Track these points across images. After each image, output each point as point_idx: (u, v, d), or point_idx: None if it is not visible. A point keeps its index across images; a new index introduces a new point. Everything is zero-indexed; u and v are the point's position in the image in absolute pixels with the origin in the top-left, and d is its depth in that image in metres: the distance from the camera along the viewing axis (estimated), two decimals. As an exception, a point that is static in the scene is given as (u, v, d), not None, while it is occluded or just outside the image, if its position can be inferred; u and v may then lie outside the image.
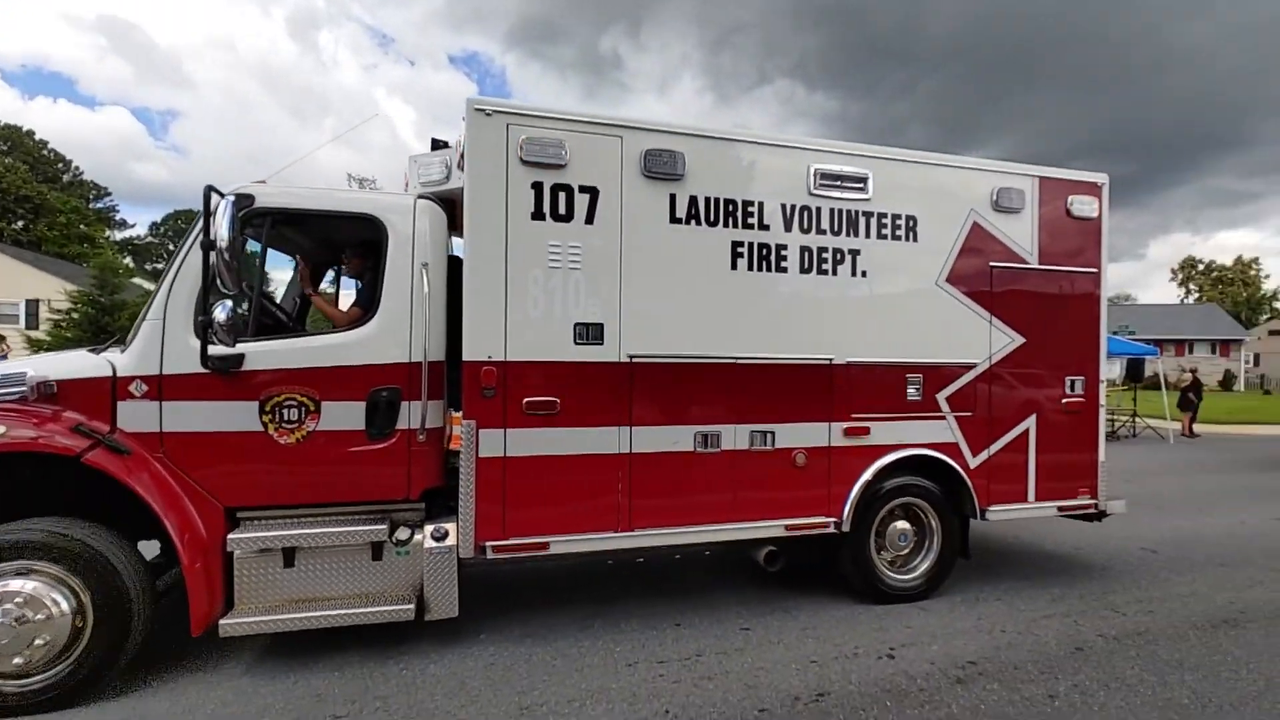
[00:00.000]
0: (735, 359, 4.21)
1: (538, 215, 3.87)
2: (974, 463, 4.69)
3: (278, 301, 4.45)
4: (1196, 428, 19.22)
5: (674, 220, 4.12)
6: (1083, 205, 4.99)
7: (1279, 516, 7.81)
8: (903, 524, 4.66)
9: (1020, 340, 4.82)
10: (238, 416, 3.48)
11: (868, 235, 4.46)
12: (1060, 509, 4.91)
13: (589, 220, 3.95)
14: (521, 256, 3.83)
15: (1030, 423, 4.85)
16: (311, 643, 3.94)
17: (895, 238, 4.52)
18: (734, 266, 4.22)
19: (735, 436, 4.22)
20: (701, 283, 4.16)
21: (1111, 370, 30.18)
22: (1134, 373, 19.30)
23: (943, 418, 4.61)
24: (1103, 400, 5.03)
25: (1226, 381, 45.72)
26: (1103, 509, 5.02)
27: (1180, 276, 74.85)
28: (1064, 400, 4.93)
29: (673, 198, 4.11)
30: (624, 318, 4.00)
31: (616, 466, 4.00)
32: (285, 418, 3.51)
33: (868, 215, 4.47)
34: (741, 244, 4.23)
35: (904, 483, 4.57)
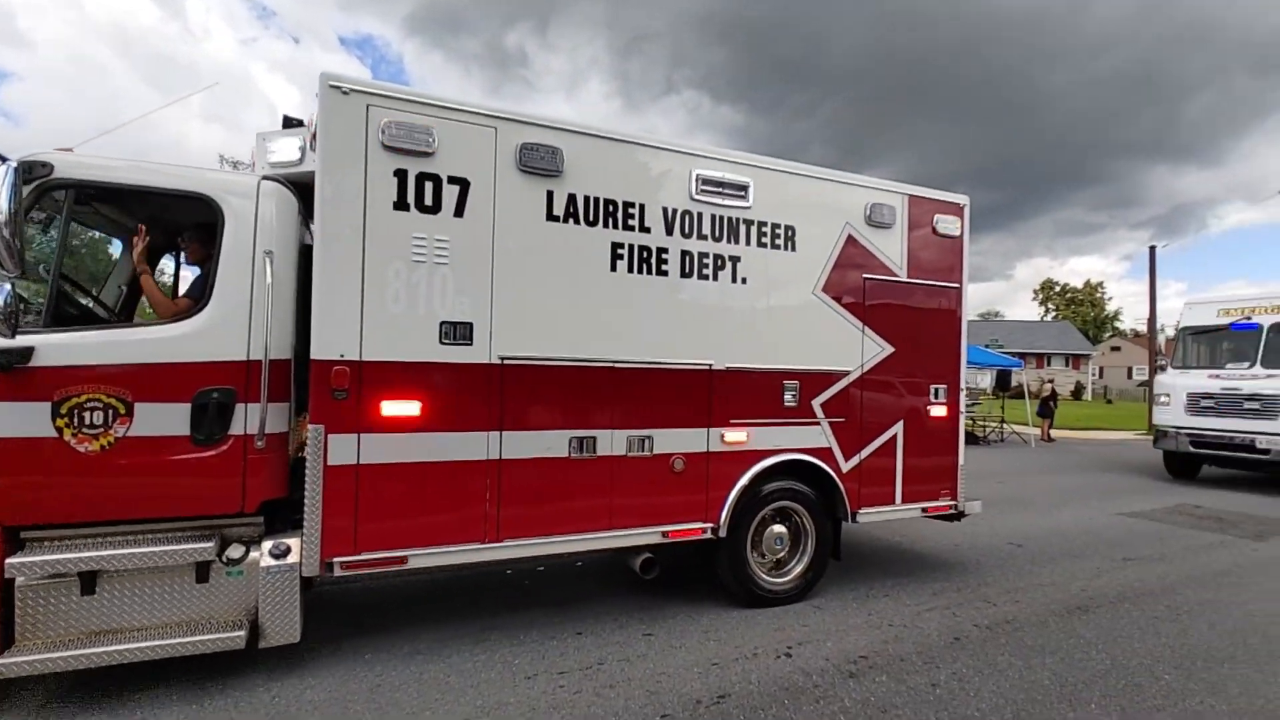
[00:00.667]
0: (614, 363, 4.07)
1: (401, 205, 3.57)
2: (846, 467, 4.77)
3: (97, 289, 3.88)
4: (1053, 433, 20.99)
5: (551, 218, 3.94)
6: (947, 224, 5.22)
7: (1119, 512, 8.63)
8: (779, 527, 4.67)
9: (890, 350, 4.96)
10: (22, 420, 2.96)
11: (748, 243, 4.45)
12: (925, 510, 5.08)
13: (458, 213, 3.69)
14: (381, 248, 3.52)
15: (898, 428, 5.00)
16: (165, 673, 3.46)
17: (775, 246, 4.54)
18: (614, 268, 4.09)
19: (613, 442, 4.08)
20: (579, 283, 4.00)
21: (983, 380, 32.90)
22: (1002, 383, 20.92)
23: (818, 423, 4.66)
24: (963, 408, 5.27)
25: (1077, 391, 50.87)
26: (962, 509, 5.24)
27: (1040, 296, 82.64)
28: (929, 407, 5.12)
29: (550, 194, 3.93)
30: (496, 317, 3.77)
31: (485, 474, 3.75)
32: (86, 422, 3.02)
33: (748, 223, 4.47)
34: (622, 245, 4.11)
35: (780, 487, 4.58)
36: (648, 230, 4.18)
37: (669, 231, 4.23)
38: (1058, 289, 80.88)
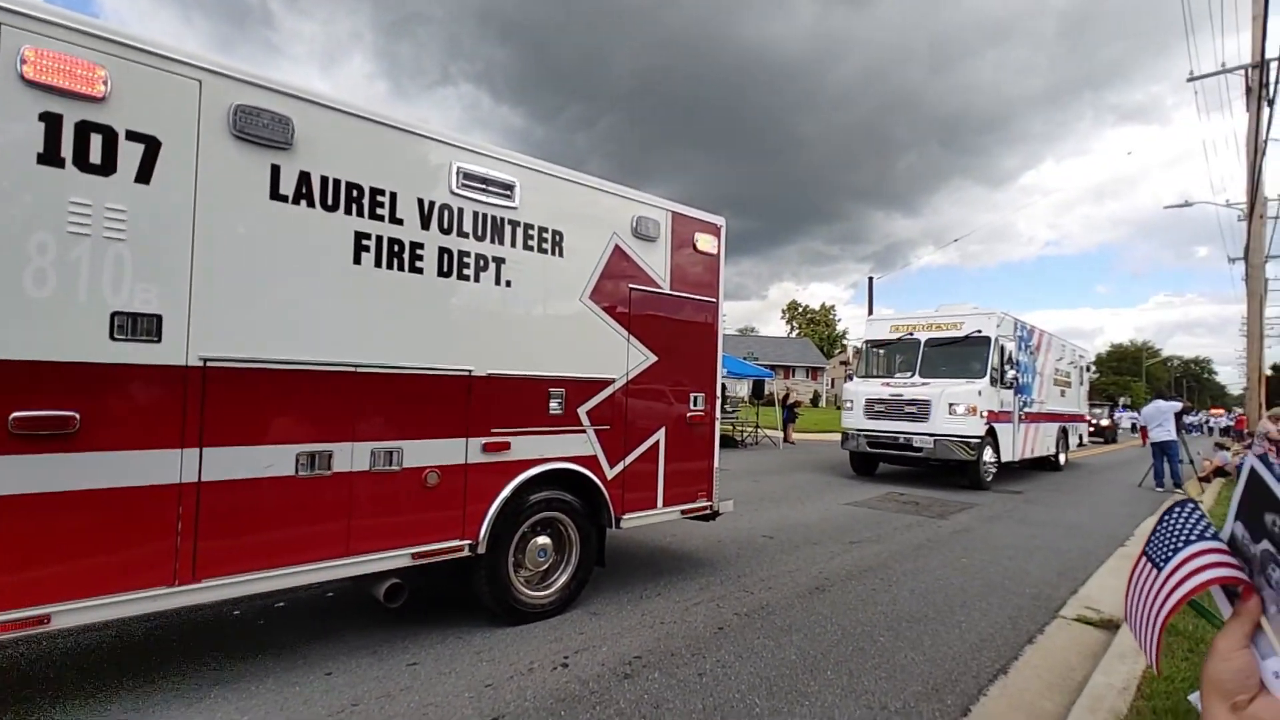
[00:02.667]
0: (356, 367, 3.56)
1: (51, 159, 2.72)
2: (611, 474, 4.73)
3: None
4: (795, 436, 23.78)
5: (277, 197, 3.32)
6: (707, 242, 5.47)
7: (847, 502, 9.89)
8: (542, 539, 4.47)
9: (654, 359, 5.04)
10: None
11: (513, 245, 4.23)
12: (683, 512, 5.23)
13: (143, 178, 2.93)
14: (18, 213, 2.65)
15: (660, 435, 5.09)
16: None
17: (542, 250, 4.37)
18: (357, 261, 3.58)
19: (353, 456, 3.55)
20: (314, 276, 3.43)
21: (741, 389, 36.39)
22: (757, 391, 23.26)
23: (583, 431, 4.57)
24: (718, 415, 5.56)
25: (815, 399, 58.92)
26: (716, 509, 5.49)
27: (787, 316, 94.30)
28: (689, 415, 5.30)
29: (276, 169, 3.31)
30: (196, 310, 3.06)
31: (176, 501, 3.00)
32: None
33: (514, 224, 4.23)
34: (368, 237, 3.62)
35: (545, 497, 4.39)
36: (400, 222, 3.74)
37: (425, 225, 3.84)
38: (801, 310, 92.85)
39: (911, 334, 12.87)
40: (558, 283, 4.46)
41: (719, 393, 5.56)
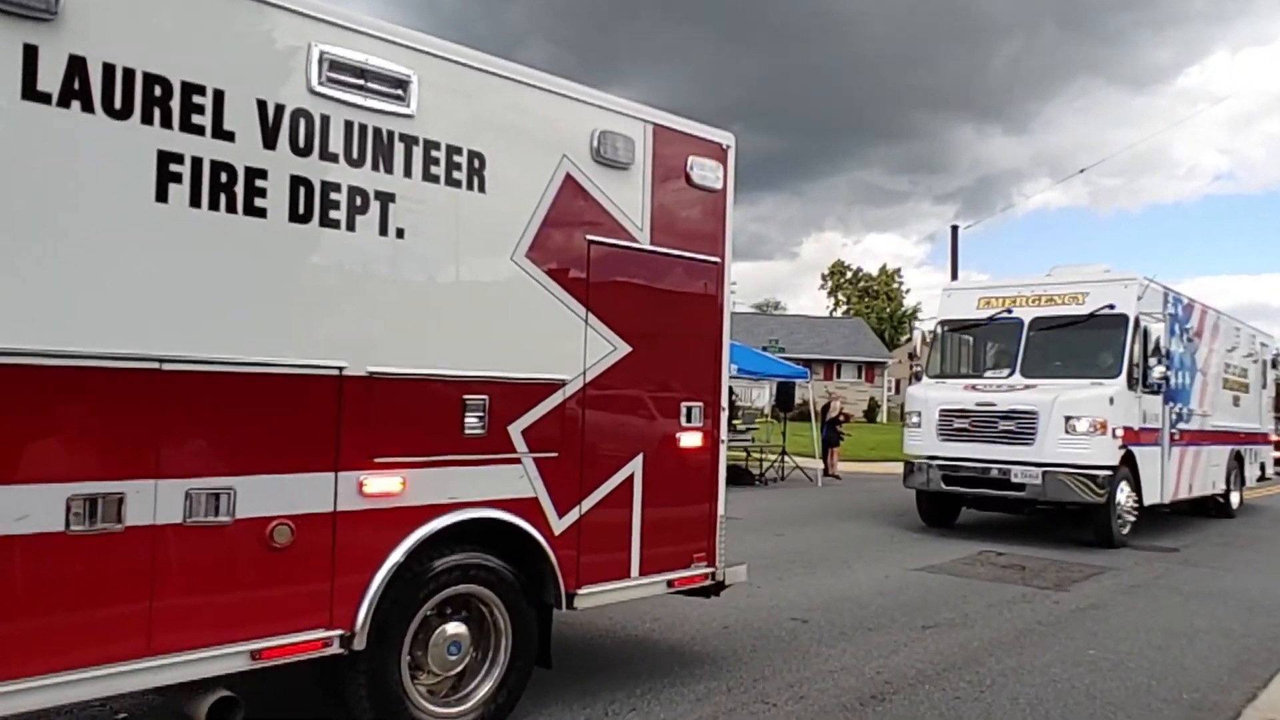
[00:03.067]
0: (159, 362, 3.49)
1: None
2: (560, 526, 4.75)
3: None
4: (840, 466, 23.93)
5: (35, 95, 3.23)
6: (705, 171, 5.49)
7: (918, 566, 10.20)
8: (455, 627, 4.47)
9: (626, 349, 5.07)
10: None
11: (408, 174, 4.20)
12: (672, 584, 5.29)
13: None
14: None
15: (636, 466, 5.12)
16: None
17: (453, 183, 4.34)
18: (163, 196, 3.50)
19: (157, 501, 3.49)
20: (94, 220, 3.35)
21: (760, 397, 36.25)
22: (784, 401, 22.84)
23: (517, 460, 4.58)
24: (724, 435, 5.62)
25: (871, 411, 59.58)
26: (721, 579, 5.55)
27: (830, 283, 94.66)
28: (679, 434, 5.35)
29: (31, 51, 3.22)
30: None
31: None
32: None
33: (409, 141, 4.20)
34: (179, 159, 3.54)
35: (459, 564, 4.38)
36: (229, 136, 3.67)
37: (269, 142, 3.77)
38: (850, 275, 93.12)
39: (1010, 311, 13.06)
40: (477, 232, 4.44)
41: (725, 402, 5.63)
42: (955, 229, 33.01)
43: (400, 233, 4.17)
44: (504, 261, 4.55)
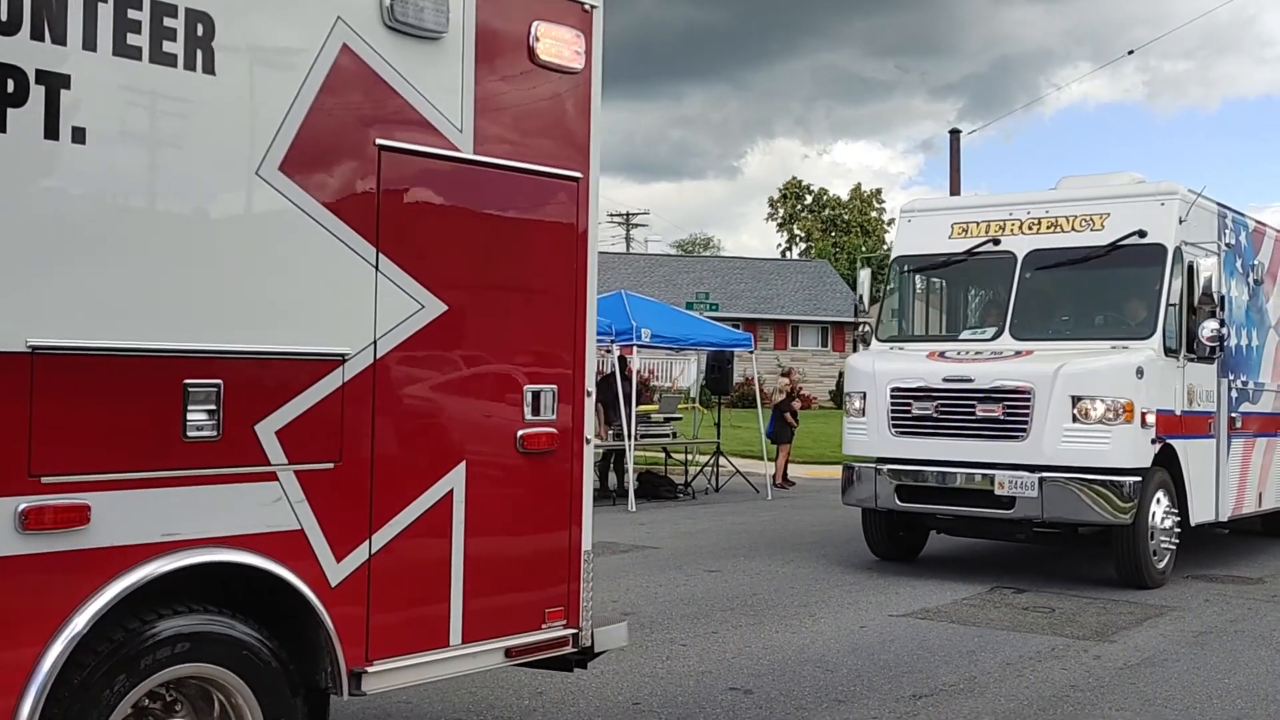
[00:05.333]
0: None
1: None
2: (339, 572, 4.61)
3: None
4: (792, 470, 24.12)
5: None
6: (559, 44, 5.39)
7: (907, 611, 10.29)
8: (177, 727, 4.30)
9: (439, 308, 4.97)
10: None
11: (90, 45, 3.95)
12: (512, 651, 5.19)
13: None
14: None
15: (457, 479, 5.03)
16: None
17: (161, 59, 4.10)
18: None
19: None
20: None
21: (684, 374, 35.89)
22: (718, 379, 22.68)
23: (271, 476, 4.42)
24: (590, 432, 5.56)
25: (840, 391, 60.17)
26: (588, 643, 5.48)
27: (781, 212, 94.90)
28: (521, 432, 5.25)
29: None
30: None
31: None
32: None
33: (88, -6, 3.98)
34: None
35: (182, 632, 4.17)
36: None
37: None
38: (811, 199, 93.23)
39: (997, 241, 12.72)
40: (201, 134, 4.25)
41: (592, 382, 5.60)
42: (955, 134, 33.10)
43: (79, 135, 3.93)
44: (244, 178, 4.35)
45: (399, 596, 4.81)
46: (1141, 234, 11.83)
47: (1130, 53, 56.95)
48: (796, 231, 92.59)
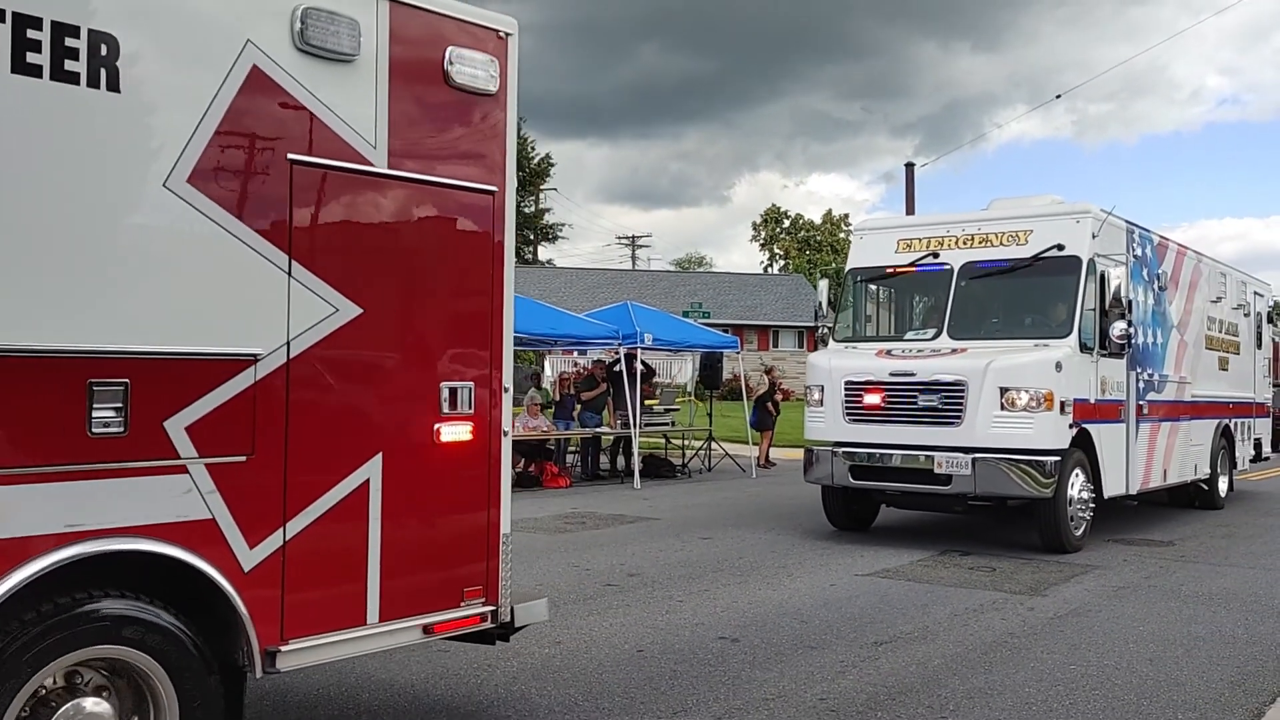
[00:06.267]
0: None
1: None
2: (252, 558, 4.48)
3: None
4: (773, 453, 24.92)
5: None
6: (473, 67, 5.28)
7: (869, 571, 10.86)
8: (94, 705, 4.12)
9: (354, 311, 4.84)
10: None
11: None
12: (431, 628, 5.10)
13: None
14: None
15: (373, 469, 4.92)
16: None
17: (64, 75, 3.96)
18: None
19: None
20: None
21: (681, 371, 36.36)
22: (710, 375, 23.58)
23: (181, 469, 4.27)
24: (508, 425, 5.45)
25: (813, 386, 60.99)
26: (507, 619, 5.40)
27: (763, 234, 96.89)
28: (439, 426, 5.15)
29: None
30: None
31: None
32: None
33: (-12, 18, 3.79)
34: None
35: (93, 616, 4.04)
36: None
37: None
38: (790, 222, 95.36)
39: (935, 255, 13.20)
40: (107, 149, 4.12)
41: (509, 379, 5.50)
42: (910, 166, 33.91)
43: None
44: (152, 190, 4.19)
45: (315, 579, 4.68)
46: (1060, 247, 12.41)
47: (1058, 96, 59.41)
48: (776, 251, 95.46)
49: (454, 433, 5.21)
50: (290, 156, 4.62)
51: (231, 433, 4.43)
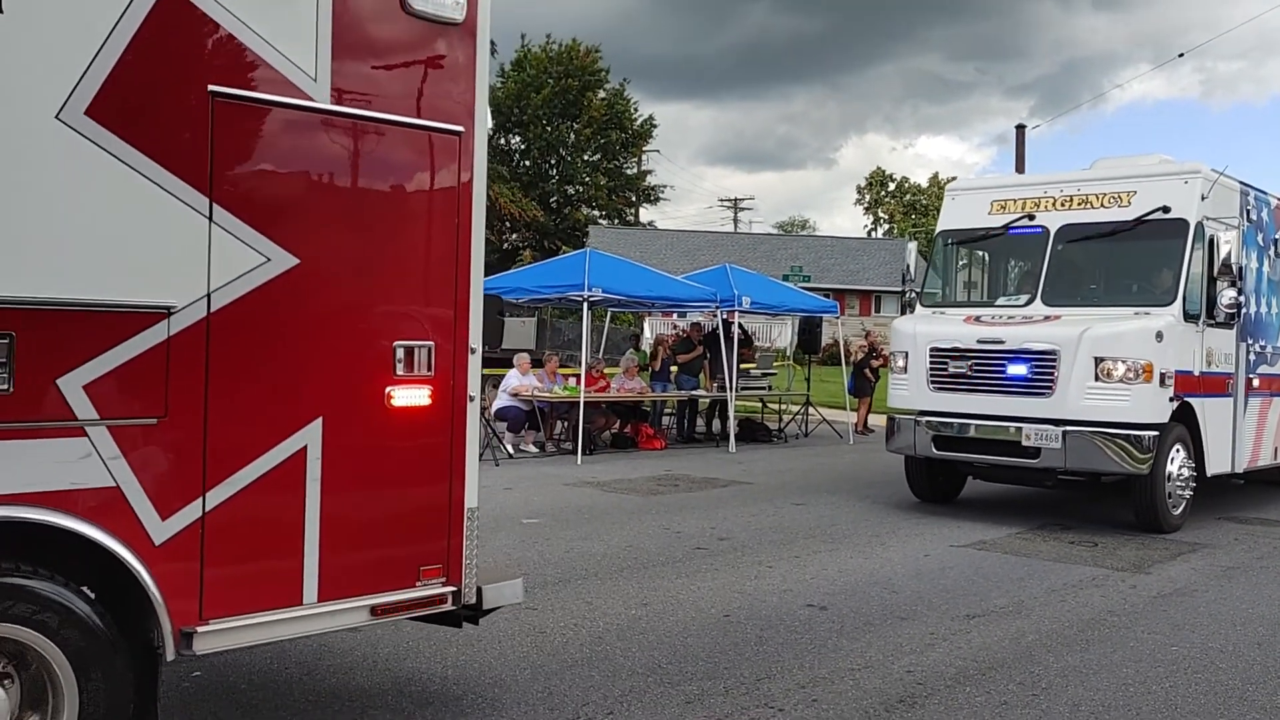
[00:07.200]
0: None
1: None
2: (164, 531, 4.03)
3: None
4: (871, 419, 23.96)
5: None
6: None
7: (965, 542, 10.56)
8: (-21, 687, 3.78)
9: (288, 262, 4.34)
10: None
11: None
12: (379, 610, 4.64)
13: None
14: None
15: (311, 435, 4.44)
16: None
17: None
18: None
19: None
20: None
21: (780, 335, 35.87)
22: (809, 340, 22.98)
23: (78, 431, 3.83)
24: (474, 390, 4.96)
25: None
26: (474, 599, 4.94)
27: (867, 197, 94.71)
28: (391, 390, 4.66)
29: None
30: None
31: None
32: None
33: None
34: None
35: None
36: None
37: None
38: (895, 186, 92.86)
39: (1031, 217, 12.46)
40: None
41: (478, 340, 4.99)
42: (1021, 128, 32.49)
43: None
44: (41, 123, 3.72)
45: (242, 554, 4.25)
46: (1166, 209, 11.49)
47: (1181, 55, 54.74)
48: (881, 214, 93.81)
49: (409, 397, 4.71)
50: (211, 88, 4.11)
51: (140, 393, 3.98)
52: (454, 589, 4.84)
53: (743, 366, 21.76)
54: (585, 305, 17.78)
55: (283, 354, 4.37)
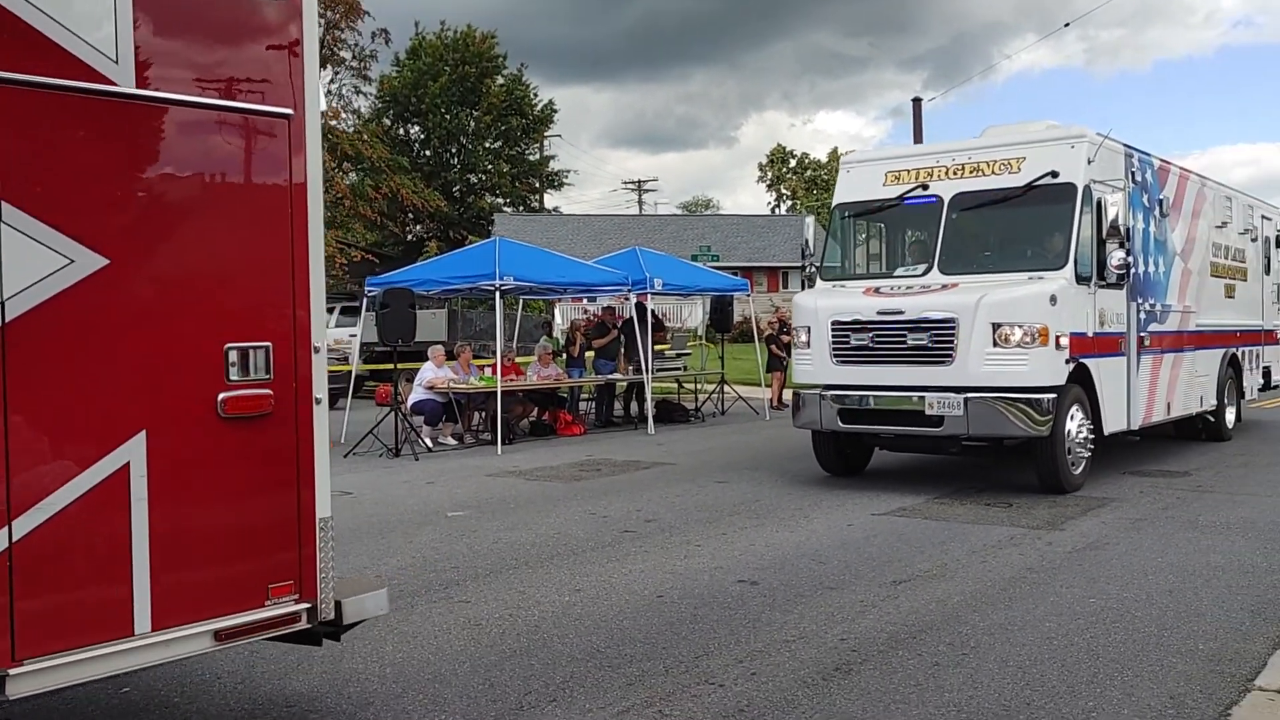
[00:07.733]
0: None
1: None
2: None
3: None
4: (786, 394, 23.80)
5: None
6: None
7: (886, 510, 10.66)
8: None
9: (96, 263, 3.88)
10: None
11: None
12: (225, 633, 4.21)
13: None
14: None
15: (134, 451, 3.99)
16: None
17: None
18: None
19: None
20: None
21: (692, 316, 35.67)
22: (721, 318, 22.84)
23: None
24: (321, 392, 4.55)
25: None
26: (330, 615, 4.53)
27: (769, 175, 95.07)
28: (223, 397, 4.22)
29: None
30: None
31: None
32: None
33: None
34: None
35: None
36: None
37: None
38: (795, 163, 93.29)
39: (925, 187, 12.33)
40: None
41: (322, 339, 4.58)
42: (917, 101, 32.93)
43: None
44: None
45: (59, 586, 3.81)
46: (1054, 174, 11.45)
47: (1067, 25, 55.36)
48: (784, 191, 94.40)
49: (245, 403, 4.28)
50: (-13, 70, 3.66)
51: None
52: (308, 605, 4.43)
53: (657, 348, 21.67)
54: (498, 294, 17.32)
55: (96, 364, 3.91)
